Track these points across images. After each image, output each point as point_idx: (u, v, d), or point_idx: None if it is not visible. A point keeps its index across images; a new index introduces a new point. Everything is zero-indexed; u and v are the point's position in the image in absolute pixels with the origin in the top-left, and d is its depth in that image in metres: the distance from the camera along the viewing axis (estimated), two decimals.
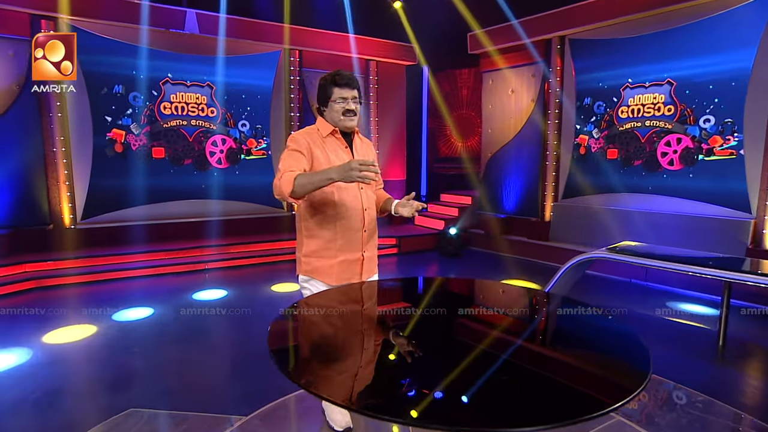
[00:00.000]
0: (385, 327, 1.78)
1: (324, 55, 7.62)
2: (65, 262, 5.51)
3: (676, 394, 2.90)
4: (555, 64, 6.58)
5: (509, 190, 7.36)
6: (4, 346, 3.50)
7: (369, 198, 2.18)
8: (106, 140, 6.30)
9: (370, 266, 2.23)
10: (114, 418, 2.32)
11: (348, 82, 2.04)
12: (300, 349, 1.58)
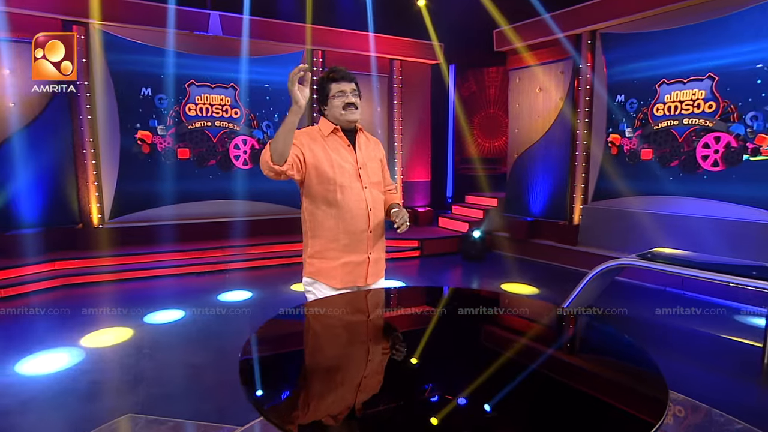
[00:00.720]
0: (377, 356, 1.55)
1: (347, 54, 7.57)
2: (93, 261, 5.67)
3: (712, 420, 2.65)
4: (585, 60, 6.28)
5: (536, 192, 7.08)
6: (46, 347, 3.51)
7: (375, 198, 2.08)
8: (133, 142, 6.44)
9: (377, 269, 2.13)
10: (109, 424, 2.31)
11: (344, 75, 2.00)
12: (278, 380, 1.34)
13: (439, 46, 8.20)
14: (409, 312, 2.04)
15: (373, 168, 2.11)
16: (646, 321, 4.38)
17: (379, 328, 1.83)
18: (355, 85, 2.03)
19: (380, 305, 2.02)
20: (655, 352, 3.31)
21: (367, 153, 2.11)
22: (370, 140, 2.19)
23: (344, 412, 1.13)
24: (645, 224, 5.69)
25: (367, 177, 2.05)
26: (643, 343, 3.46)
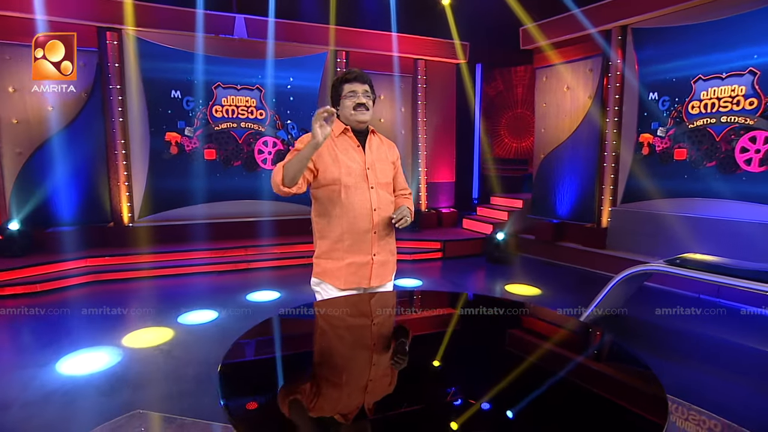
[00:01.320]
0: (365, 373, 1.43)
1: (371, 55, 7.57)
2: (123, 258, 5.88)
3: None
4: (615, 57, 6.04)
5: (563, 194, 6.87)
6: (88, 346, 3.58)
7: (381, 198, 2.05)
8: (162, 143, 6.65)
9: (382, 271, 2.09)
10: (118, 419, 2.37)
11: (357, 76, 2.00)
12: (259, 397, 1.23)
13: (463, 46, 8.08)
14: (396, 318, 1.96)
15: (382, 169, 2.07)
16: (676, 330, 4.16)
17: (373, 334, 1.79)
18: (368, 87, 2.01)
19: (375, 311, 1.98)
20: (687, 366, 3.13)
21: (377, 154, 2.08)
22: (383, 142, 2.16)
23: (315, 420, 1.11)
24: (678, 228, 5.42)
25: (375, 177, 2.03)
26: (674, 356, 3.27)
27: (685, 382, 3.05)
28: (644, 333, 4.08)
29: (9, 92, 5.86)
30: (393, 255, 2.16)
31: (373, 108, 2.06)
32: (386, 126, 8.02)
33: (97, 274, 5.54)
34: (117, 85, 6.17)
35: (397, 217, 1.98)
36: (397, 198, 2.24)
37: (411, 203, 2.24)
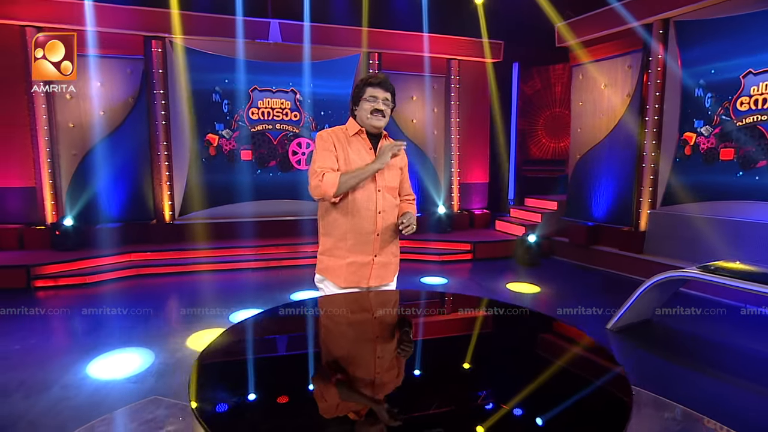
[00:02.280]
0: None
1: (404, 56, 7.60)
2: (164, 254, 6.21)
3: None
4: (656, 52, 5.75)
5: (599, 196, 6.61)
6: (130, 343, 3.74)
7: (387, 202, 2.08)
8: (202, 144, 6.98)
9: (382, 272, 2.12)
10: (136, 403, 2.54)
11: (381, 82, 2.03)
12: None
13: (497, 45, 7.95)
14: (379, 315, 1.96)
15: (390, 174, 2.10)
16: (709, 340, 3.92)
17: (358, 331, 1.83)
18: (390, 95, 2.04)
19: (365, 307, 2.00)
20: (715, 377, 2.95)
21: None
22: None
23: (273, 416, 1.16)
24: (722, 232, 5.09)
25: (383, 180, 2.05)
26: (702, 367, 3.09)
27: (709, 395, 2.88)
28: (674, 341, 3.88)
29: (66, 99, 6.34)
30: (396, 257, 2.18)
31: (390, 116, 2.08)
32: (418, 126, 8.02)
33: (140, 268, 5.90)
34: (160, 90, 6.53)
35: (406, 223, 2.01)
36: (402, 203, 2.25)
37: (414, 209, 2.25)
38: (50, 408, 2.65)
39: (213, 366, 1.34)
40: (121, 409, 2.51)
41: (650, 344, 3.74)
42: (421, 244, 7.04)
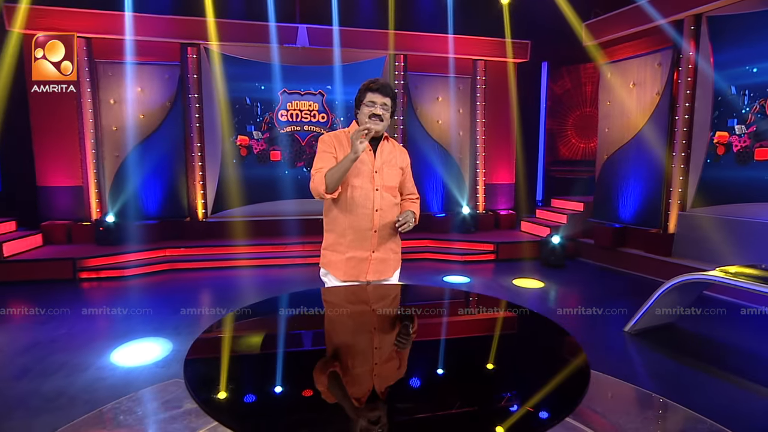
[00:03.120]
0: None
1: (429, 57, 7.67)
2: (198, 250, 6.54)
3: None
4: (687, 49, 5.59)
5: (627, 197, 6.47)
6: (161, 329, 4.24)
7: (385, 200, 2.17)
8: (233, 145, 7.30)
9: (381, 267, 2.21)
10: (157, 385, 2.75)
11: (380, 88, 2.09)
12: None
13: (524, 44, 7.89)
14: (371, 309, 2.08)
15: (389, 173, 2.19)
16: (731, 345, 3.81)
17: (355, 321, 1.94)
18: (389, 100, 2.11)
19: (367, 299, 2.12)
20: (730, 383, 2.87)
21: (387, 159, 2.20)
22: (395, 148, 2.25)
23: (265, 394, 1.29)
24: (756, 235, 4.90)
25: (381, 180, 2.15)
26: (719, 372, 3.02)
27: (718, 400, 2.83)
28: (693, 345, 3.78)
29: (110, 104, 6.80)
30: (395, 253, 2.26)
31: (389, 120, 2.16)
32: (443, 127, 8.07)
33: (175, 263, 6.24)
34: (195, 94, 6.88)
35: (402, 221, 2.09)
36: (404, 201, 2.33)
37: (417, 208, 2.32)
38: (87, 386, 2.91)
39: (208, 342, 1.50)
40: (145, 389, 2.73)
41: (667, 347, 3.67)
42: (444, 244, 7.10)
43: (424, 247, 7.07)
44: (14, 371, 3.14)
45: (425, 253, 6.96)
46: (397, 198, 2.27)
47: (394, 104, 2.15)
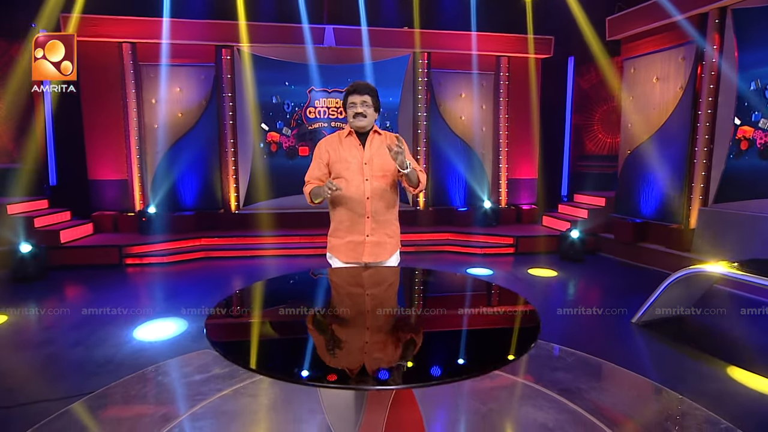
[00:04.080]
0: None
1: (452, 55, 7.82)
2: (230, 239, 6.99)
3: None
4: (712, 43, 5.53)
5: (648, 192, 6.45)
6: (197, 306, 4.72)
7: (375, 189, 2.37)
8: (264, 142, 7.70)
9: (376, 251, 2.43)
10: (188, 354, 3.12)
11: (355, 89, 2.35)
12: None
13: (548, 40, 7.92)
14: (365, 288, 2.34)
15: (379, 164, 2.40)
16: (742, 338, 3.85)
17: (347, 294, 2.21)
18: (367, 96, 2.35)
19: (361, 283, 2.37)
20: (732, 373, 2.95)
21: (376, 151, 2.41)
22: (385, 137, 2.45)
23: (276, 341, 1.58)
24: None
25: (371, 171, 2.38)
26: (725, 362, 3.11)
27: (715, 390, 2.94)
28: (698, 337, 3.85)
29: (152, 103, 7.32)
30: (391, 237, 2.48)
31: (375, 114, 2.40)
32: (466, 123, 8.21)
33: (209, 251, 6.71)
34: (229, 93, 7.32)
35: (402, 162, 2.23)
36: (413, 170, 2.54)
37: (423, 175, 2.44)
38: (131, 355, 3.32)
39: (228, 305, 1.80)
40: (179, 357, 3.11)
41: (670, 338, 3.75)
42: (466, 237, 7.27)
43: (445, 240, 7.28)
44: (70, 341, 3.60)
45: (447, 245, 7.16)
46: (388, 185, 2.43)
47: (374, 99, 2.36)
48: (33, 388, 2.82)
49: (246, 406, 2.50)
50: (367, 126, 2.39)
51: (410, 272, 2.54)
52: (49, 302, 4.69)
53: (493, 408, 2.54)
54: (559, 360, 3.18)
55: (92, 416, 2.42)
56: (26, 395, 2.72)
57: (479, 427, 2.36)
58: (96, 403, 2.55)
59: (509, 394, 2.69)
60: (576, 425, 2.31)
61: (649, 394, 2.81)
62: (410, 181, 2.31)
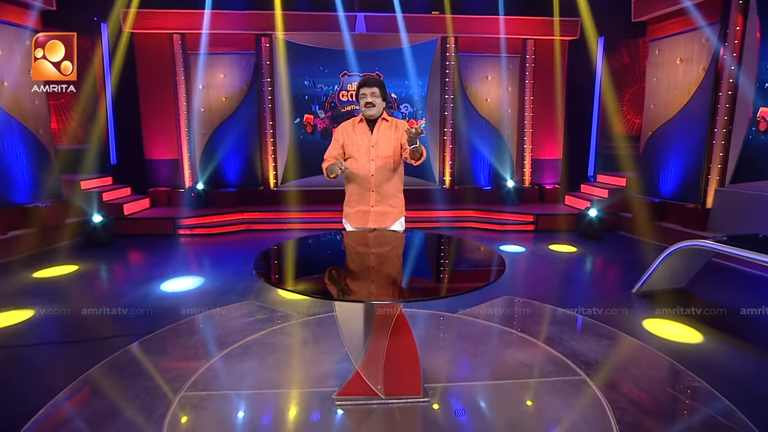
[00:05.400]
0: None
1: (479, 39, 8.06)
2: (270, 213, 7.66)
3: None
4: (734, 24, 5.59)
5: (668, 172, 6.59)
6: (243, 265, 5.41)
7: (380, 168, 2.80)
8: (300, 123, 8.27)
9: (380, 218, 2.89)
10: (234, 304, 3.75)
11: (365, 82, 2.78)
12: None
13: (574, 22, 8.01)
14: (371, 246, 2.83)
15: (384, 146, 2.83)
16: (734, 310, 4.12)
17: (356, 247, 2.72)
18: (376, 88, 2.77)
19: (367, 242, 2.87)
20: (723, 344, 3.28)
21: (383, 135, 2.84)
22: (392, 124, 2.88)
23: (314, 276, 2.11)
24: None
25: (377, 152, 2.82)
26: (716, 333, 3.46)
27: (697, 357, 3.29)
28: (692, 307, 4.14)
29: (199, 89, 8.01)
30: (393, 208, 2.92)
31: (383, 103, 2.81)
32: (492, 105, 8.48)
33: (250, 224, 7.40)
34: (267, 78, 7.90)
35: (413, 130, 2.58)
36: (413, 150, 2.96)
37: (423, 150, 2.80)
38: (186, 302, 3.99)
39: (269, 253, 2.36)
40: (228, 305, 3.74)
41: (662, 306, 4.06)
42: (488, 215, 7.65)
43: (469, 217, 7.68)
44: (133, 299, 4.32)
45: (470, 222, 7.57)
46: (391, 165, 2.85)
47: (381, 90, 2.77)
48: (104, 328, 3.51)
49: (282, 341, 3.09)
50: (376, 114, 2.82)
51: (408, 234, 3.02)
52: (116, 263, 5.49)
53: (481, 350, 3.02)
54: (551, 317, 3.60)
55: (164, 345, 3.07)
56: (97, 333, 3.40)
57: (465, 362, 2.84)
58: (168, 334, 3.21)
59: (497, 340, 3.15)
60: (549, 363, 2.75)
61: (622, 344, 3.19)
62: (413, 155, 2.70)
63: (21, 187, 6.07)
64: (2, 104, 5.79)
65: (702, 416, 2.29)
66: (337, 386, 2.40)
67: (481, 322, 3.44)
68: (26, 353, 3.06)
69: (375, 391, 2.32)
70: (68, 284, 4.64)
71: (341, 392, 2.35)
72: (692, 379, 2.66)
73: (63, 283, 4.68)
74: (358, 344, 2.32)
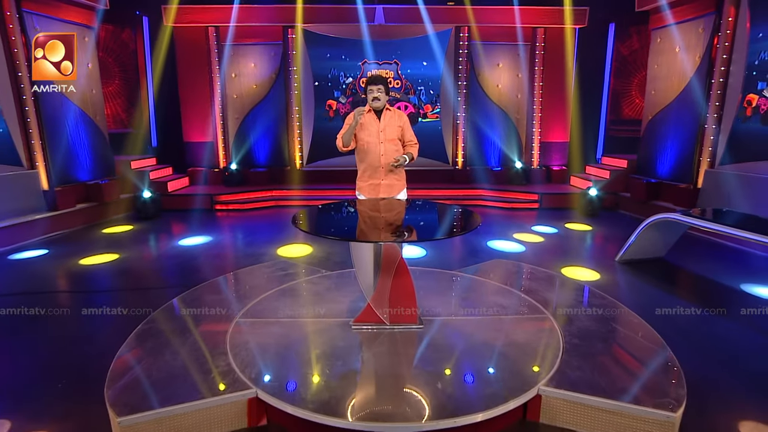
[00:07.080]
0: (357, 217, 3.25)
1: (491, 28, 8.54)
2: (295, 191, 8.43)
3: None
4: (727, 15, 5.97)
5: (665, 155, 7.05)
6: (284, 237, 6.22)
7: (387, 149, 3.43)
8: (323, 108, 8.96)
9: (388, 190, 3.56)
10: (274, 261, 4.51)
11: (372, 80, 3.40)
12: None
13: (583, 11, 8.40)
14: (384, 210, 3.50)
15: (390, 131, 3.47)
16: (709, 279, 4.68)
17: (369, 212, 3.40)
18: (381, 85, 3.39)
19: (378, 207, 3.56)
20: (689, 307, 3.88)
21: (389, 122, 3.48)
22: (394, 113, 3.53)
23: None
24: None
25: (384, 136, 3.46)
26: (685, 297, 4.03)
27: (678, 323, 3.90)
28: (668, 275, 4.72)
29: (233, 77, 8.75)
30: (399, 180, 3.58)
31: (387, 97, 3.43)
32: (503, 91, 8.98)
33: (279, 201, 8.19)
34: (293, 67, 8.58)
35: (397, 160, 3.37)
36: (406, 146, 3.59)
37: (415, 150, 3.55)
38: (229, 262, 4.78)
39: (302, 213, 3.09)
40: (269, 262, 4.51)
41: (643, 275, 4.65)
42: (496, 193, 8.24)
43: (477, 196, 8.29)
44: (178, 269, 5.12)
45: (478, 200, 8.18)
46: (398, 146, 3.51)
47: (385, 86, 3.39)
48: (155, 279, 4.32)
49: (310, 288, 3.83)
50: (381, 106, 3.46)
51: (409, 202, 3.71)
52: (164, 233, 6.35)
53: (470, 295, 3.71)
54: (532, 275, 4.23)
55: (219, 288, 3.86)
56: (152, 283, 4.20)
57: (455, 303, 3.51)
58: (221, 281, 3.99)
59: (484, 289, 3.82)
60: (522, 306, 3.42)
61: (586, 295, 3.81)
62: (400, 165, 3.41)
63: (84, 167, 6.98)
64: (71, 95, 6.64)
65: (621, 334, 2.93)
66: (352, 318, 3.11)
67: (472, 277, 4.11)
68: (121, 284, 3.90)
69: (382, 319, 3.04)
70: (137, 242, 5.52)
71: (357, 320, 3.07)
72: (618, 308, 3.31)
73: (130, 239, 5.56)
74: (369, 283, 3.03)
